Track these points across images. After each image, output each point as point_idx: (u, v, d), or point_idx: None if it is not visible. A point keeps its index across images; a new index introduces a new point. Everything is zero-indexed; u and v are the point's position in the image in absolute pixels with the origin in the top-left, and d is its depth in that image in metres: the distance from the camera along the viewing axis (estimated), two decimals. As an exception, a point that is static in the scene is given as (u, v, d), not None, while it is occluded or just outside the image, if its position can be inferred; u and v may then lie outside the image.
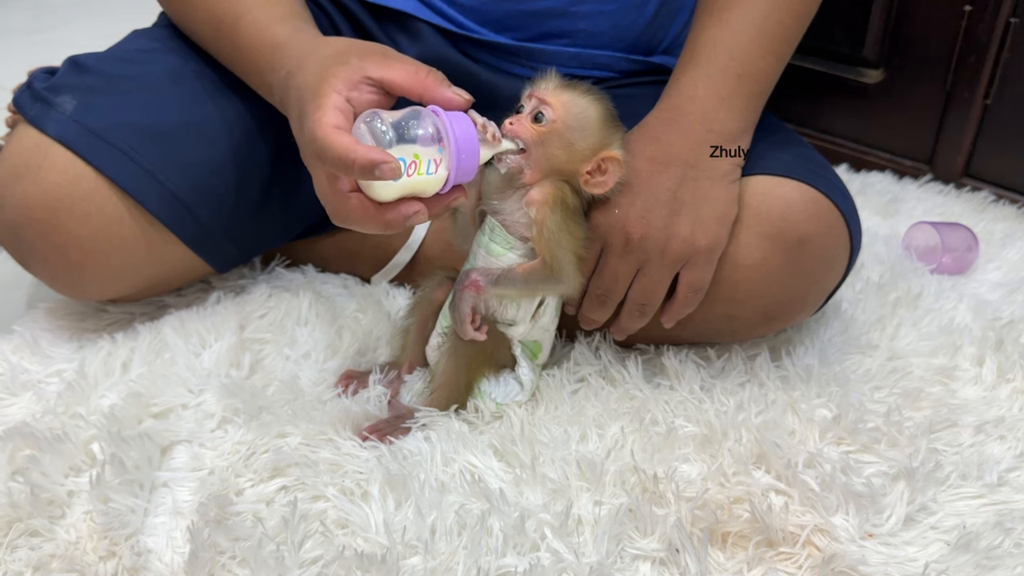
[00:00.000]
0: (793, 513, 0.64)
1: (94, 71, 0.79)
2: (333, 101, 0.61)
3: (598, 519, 0.64)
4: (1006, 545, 0.62)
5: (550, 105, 0.67)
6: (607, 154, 0.67)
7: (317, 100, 0.61)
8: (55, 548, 0.62)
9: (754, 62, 0.73)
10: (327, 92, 0.61)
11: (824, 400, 0.76)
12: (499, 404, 0.73)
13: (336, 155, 0.58)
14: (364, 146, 0.58)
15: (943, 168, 1.23)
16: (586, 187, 0.68)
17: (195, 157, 0.78)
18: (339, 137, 0.58)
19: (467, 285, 0.68)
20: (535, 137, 0.66)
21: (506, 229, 0.69)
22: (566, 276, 0.69)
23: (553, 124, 0.66)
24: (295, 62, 0.67)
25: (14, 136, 0.78)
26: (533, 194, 0.68)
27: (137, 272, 0.81)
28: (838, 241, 0.76)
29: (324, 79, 0.62)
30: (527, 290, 0.70)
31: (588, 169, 0.68)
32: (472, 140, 0.61)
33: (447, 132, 0.60)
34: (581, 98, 0.67)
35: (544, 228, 0.67)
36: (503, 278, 0.68)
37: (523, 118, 0.67)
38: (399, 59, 0.65)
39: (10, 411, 0.75)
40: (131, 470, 0.66)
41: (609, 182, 0.68)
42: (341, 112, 0.61)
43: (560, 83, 0.68)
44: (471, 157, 0.61)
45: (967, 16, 1.12)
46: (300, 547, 0.60)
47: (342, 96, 0.62)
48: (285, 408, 0.74)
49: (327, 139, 0.58)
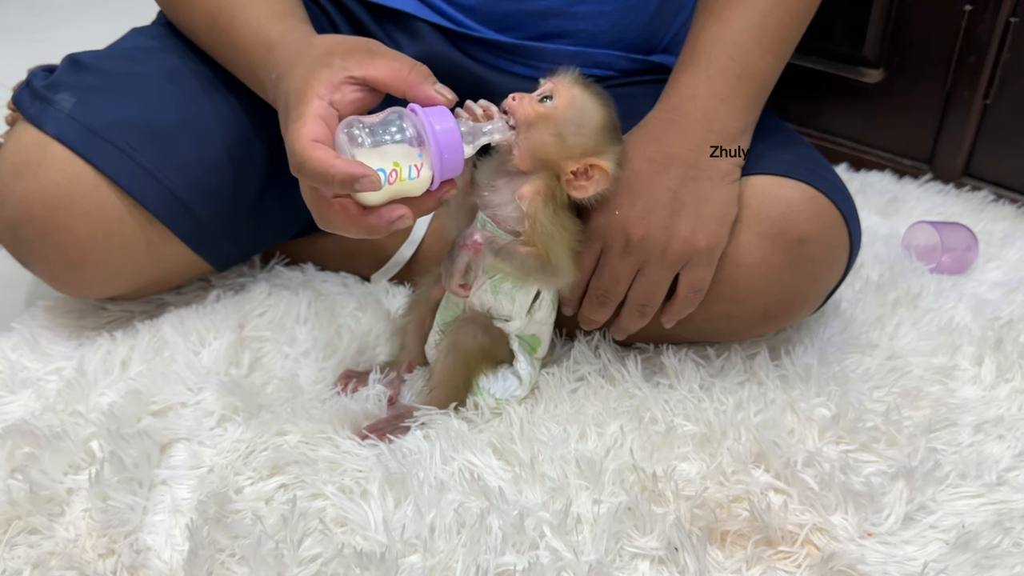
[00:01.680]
0: (792, 512, 0.64)
1: (93, 69, 0.79)
2: (314, 109, 0.60)
3: (597, 517, 0.64)
4: (1005, 544, 0.62)
5: (559, 93, 0.67)
6: (596, 161, 0.67)
7: (298, 108, 0.61)
8: (54, 546, 0.62)
9: (754, 62, 0.73)
10: (308, 99, 0.61)
11: (823, 399, 0.76)
12: (498, 400, 0.73)
13: (314, 170, 0.57)
14: (342, 160, 0.57)
15: (943, 168, 1.23)
16: (566, 186, 0.68)
17: (193, 155, 0.78)
18: (316, 152, 0.58)
19: (468, 244, 0.68)
20: (531, 117, 0.66)
21: (497, 224, 0.69)
22: (561, 269, 0.69)
23: (554, 110, 0.66)
24: (285, 66, 0.67)
25: (14, 134, 0.78)
26: (524, 188, 0.67)
27: (136, 270, 0.81)
28: (838, 241, 0.76)
29: (307, 84, 0.62)
30: (522, 274, 0.69)
31: (573, 169, 0.67)
32: (453, 136, 0.60)
33: (426, 132, 0.60)
34: (589, 97, 0.67)
35: (536, 221, 0.67)
36: (503, 251, 0.68)
37: (529, 96, 0.67)
38: (385, 55, 0.64)
39: (9, 409, 0.75)
40: (130, 468, 0.66)
41: (590, 189, 0.68)
42: (323, 119, 0.60)
43: (578, 79, 0.68)
44: (453, 154, 0.60)
45: (967, 16, 1.12)
46: (299, 545, 0.60)
47: (324, 101, 0.61)
48: (284, 406, 0.74)
49: (304, 154, 0.58)
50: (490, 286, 0.71)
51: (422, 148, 0.60)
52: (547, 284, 0.72)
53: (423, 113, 0.61)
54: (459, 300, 0.73)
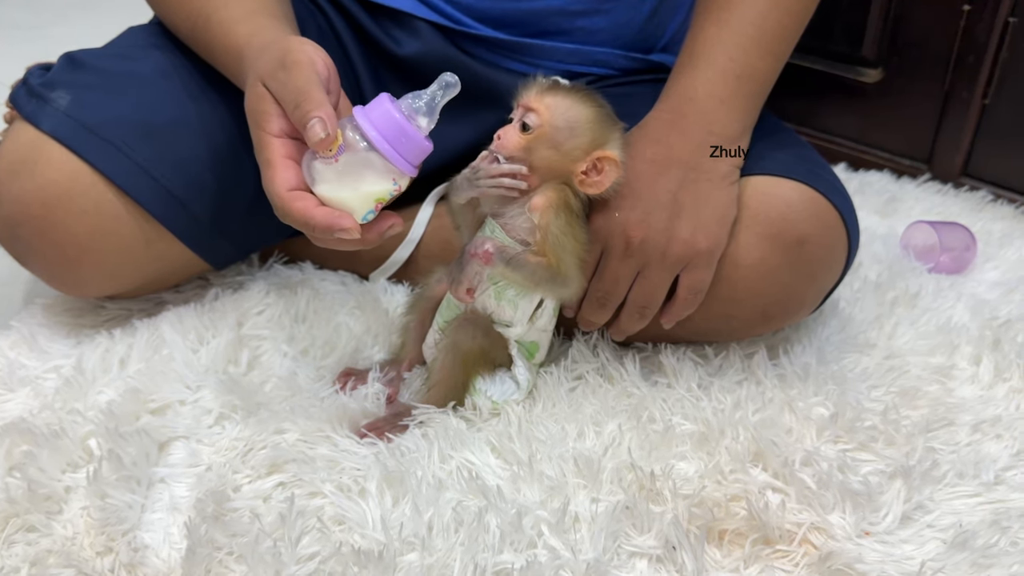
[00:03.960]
0: (790, 511, 0.64)
1: (89, 67, 0.79)
2: (277, 151, 0.63)
3: (595, 516, 0.64)
4: (1002, 543, 0.62)
5: (535, 111, 0.66)
6: (602, 154, 0.67)
7: (263, 154, 0.63)
8: (52, 543, 0.62)
9: (753, 63, 0.73)
10: (266, 143, 0.63)
11: (821, 398, 0.76)
12: (495, 403, 0.73)
13: (296, 221, 0.61)
14: (321, 211, 0.60)
15: (942, 167, 1.23)
16: (581, 187, 0.68)
17: (189, 153, 0.78)
18: (296, 204, 0.61)
19: (480, 254, 0.67)
20: (522, 145, 0.66)
21: (506, 232, 0.69)
22: (570, 279, 0.69)
23: (540, 129, 0.66)
24: (246, 78, 0.67)
25: (11, 133, 0.78)
26: (536, 199, 0.67)
27: (134, 269, 0.80)
28: (836, 241, 0.76)
29: (256, 125, 0.64)
30: (531, 283, 0.69)
31: (583, 169, 0.67)
32: (391, 122, 0.59)
33: (368, 133, 0.59)
34: (565, 99, 0.66)
35: (548, 233, 0.67)
36: (515, 260, 0.67)
37: (510, 129, 0.67)
38: (293, 74, 0.62)
39: (7, 407, 0.75)
40: (128, 466, 0.66)
41: (605, 182, 0.68)
42: (289, 159, 0.63)
43: (544, 86, 0.67)
44: (404, 139, 0.60)
45: (966, 16, 1.13)
46: (297, 543, 0.60)
47: (280, 137, 0.63)
48: (283, 404, 0.74)
49: (286, 207, 0.61)
50: (494, 292, 0.71)
51: (374, 145, 0.60)
52: (555, 294, 0.72)
53: (358, 111, 0.61)
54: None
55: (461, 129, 0.87)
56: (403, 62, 0.87)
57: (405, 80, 0.89)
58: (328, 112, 0.59)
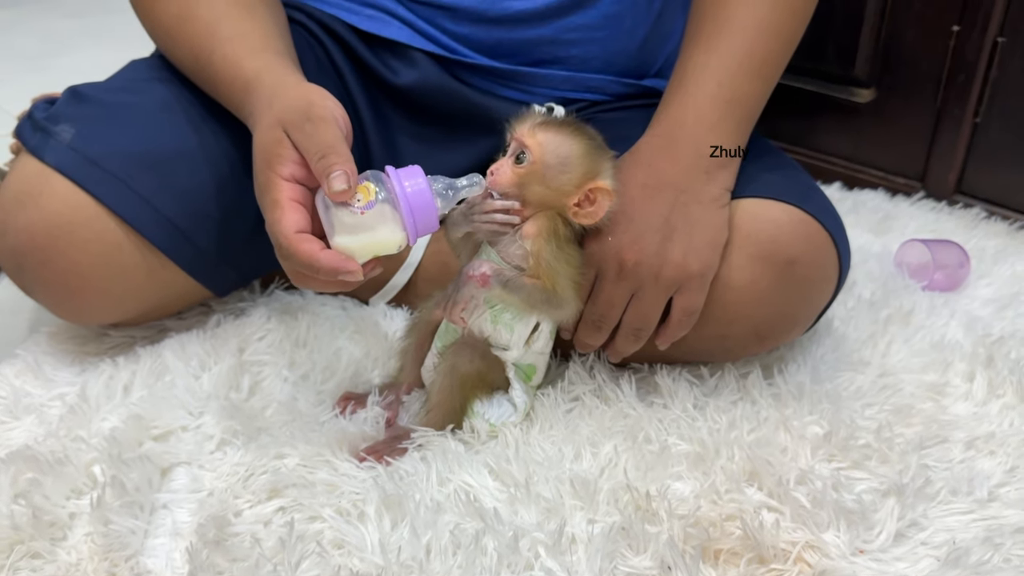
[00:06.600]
0: (784, 530, 0.65)
1: (92, 100, 0.80)
2: (286, 194, 0.64)
3: (591, 537, 0.64)
4: (995, 560, 0.63)
5: (528, 147, 0.67)
6: (595, 185, 0.68)
7: (270, 195, 0.64)
8: (56, 570, 0.63)
9: (742, 87, 0.74)
10: (275, 184, 0.64)
11: (816, 417, 0.76)
12: (493, 425, 0.74)
13: (301, 262, 0.62)
14: (326, 254, 0.62)
15: (935, 185, 1.24)
16: (575, 219, 0.69)
17: (191, 184, 0.79)
18: (303, 246, 0.62)
19: (476, 276, 0.68)
20: (516, 180, 0.68)
21: (502, 257, 0.70)
22: (566, 301, 0.70)
23: (533, 165, 0.67)
24: (255, 117, 0.69)
25: (17, 165, 0.79)
26: (527, 228, 0.69)
27: (137, 297, 0.82)
28: (827, 261, 0.77)
29: (268, 165, 0.64)
30: (527, 305, 0.70)
31: (576, 201, 0.69)
32: (424, 197, 0.62)
33: (397, 195, 0.62)
34: (557, 135, 0.68)
35: (541, 259, 0.68)
36: (512, 283, 0.69)
37: (504, 163, 0.68)
38: (316, 123, 0.64)
39: (13, 435, 0.76)
40: (131, 492, 0.67)
41: (599, 212, 0.69)
42: (298, 202, 0.64)
43: (537, 121, 0.68)
44: (425, 213, 0.63)
45: (955, 36, 1.14)
46: (297, 567, 0.61)
47: (290, 182, 0.64)
48: (283, 429, 0.75)
49: (291, 248, 0.62)
50: (490, 315, 0.72)
51: (396, 209, 0.63)
52: (551, 316, 0.73)
53: (394, 175, 0.63)
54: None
55: (457, 155, 0.89)
56: (401, 91, 0.89)
57: (403, 109, 0.91)
58: (352, 168, 0.62)
